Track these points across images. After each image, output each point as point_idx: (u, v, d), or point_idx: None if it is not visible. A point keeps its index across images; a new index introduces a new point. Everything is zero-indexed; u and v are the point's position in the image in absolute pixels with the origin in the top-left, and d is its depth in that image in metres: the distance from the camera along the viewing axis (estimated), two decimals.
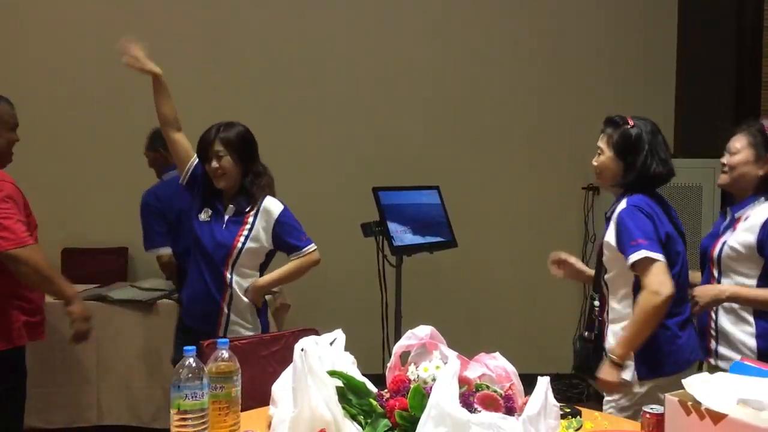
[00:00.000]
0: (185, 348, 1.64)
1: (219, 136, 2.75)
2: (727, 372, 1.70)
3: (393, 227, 3.68)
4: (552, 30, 4.95)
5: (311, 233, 5.01)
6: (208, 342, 2.12)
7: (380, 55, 4.93)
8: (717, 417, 1.47)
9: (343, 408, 1.68)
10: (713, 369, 2.41)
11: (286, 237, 2.83)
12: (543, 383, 1.46)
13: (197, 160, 2.84)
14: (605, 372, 2.26)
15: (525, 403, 1.75)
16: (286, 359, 2.13)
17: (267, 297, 4.09)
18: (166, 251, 3.69)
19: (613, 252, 2.34)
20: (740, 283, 2.46)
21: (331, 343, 1.85)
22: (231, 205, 2.80)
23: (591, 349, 2.41)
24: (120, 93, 4.81)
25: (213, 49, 4.90)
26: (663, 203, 2.42)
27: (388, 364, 1.95)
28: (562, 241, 4.66)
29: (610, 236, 2.34)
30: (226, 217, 2.80)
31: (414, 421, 1.63)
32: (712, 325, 2.48)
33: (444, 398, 1.37)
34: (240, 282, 2.78)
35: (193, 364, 1.63)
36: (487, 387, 1.74)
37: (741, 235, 2.46)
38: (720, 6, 4.46)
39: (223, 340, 1.76)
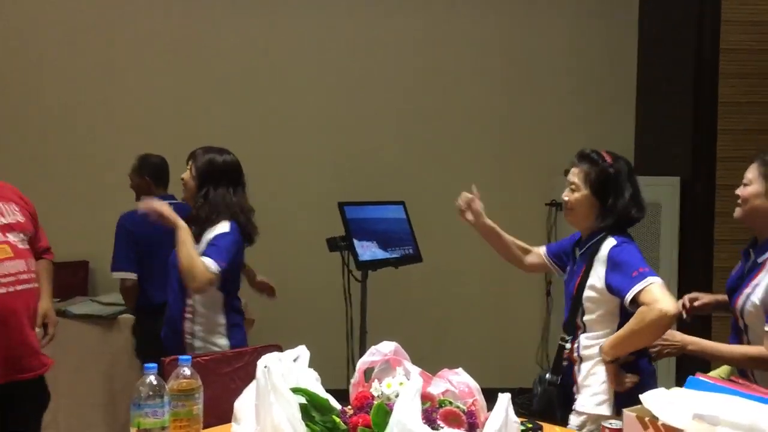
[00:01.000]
0: (146, 365, 1.63)
1: (194, 152, 2.84)
2: None
3: (358, 242, 3.69)
4: (519, 52, 5.02)
5: (276, 247, 5.01)
6: (170, 359, 2.09)
7: (348, 71, 4.95)
8: None
9: (306, 425, 1.67)
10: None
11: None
12: (504, 400, 1.47)
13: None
14: (612, 377, 2.18)
15: (487, 419, 1.76)
16: (249, 376, 2.11)
17: None
18: (132, 276, 3.66)
19: (601, 294, 2.23)
20: None
21: (294, 360, 1.84)
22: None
23: (555, 393, 2.29)
24: (82, 108, 4.77)
25: (182, 61, 4.87)
26: None
27: (352, 380, 1.95)
28: None
29: (598, 278, 2.24)
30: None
31: None
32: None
33: (406, 416, 1.37)
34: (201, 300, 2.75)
35: (154, 382, 1.61)
36: (450, 403, 1.75)
37: (764, 290, 2.20)
38: (679, 30, 4.57)
39: (185, 357, 1.74)
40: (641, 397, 1.61)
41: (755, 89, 4.24)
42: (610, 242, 2.24)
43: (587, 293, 2.25)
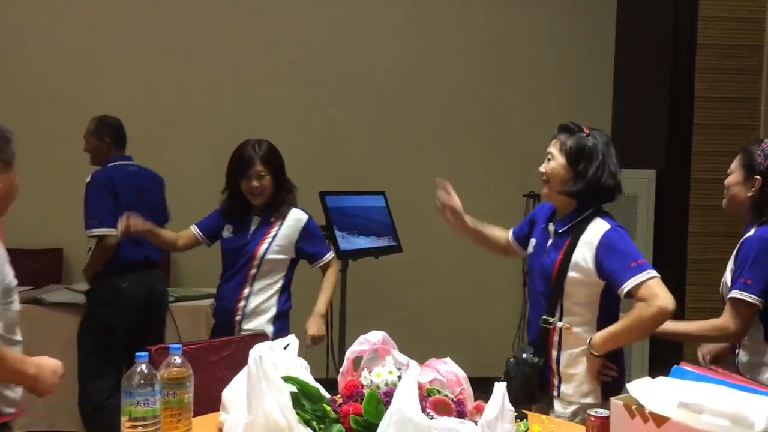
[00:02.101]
0: (137, 354, 1.62)
1: (260, 156, 2.95)
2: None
3: (339, 231, 3.69)
4: (498, 45, 5.05)
5: None
6: (157, 347, 2.08)
7: (329, 61, 4.93)
8: (660, 420, 1.53)
9: (297, 414, 1.68)
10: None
11: (309, 246, 3.04)
12: (500, 389, 1.49)
13: (198, 226, 3.16)
14: (595, 372, 2.19)
15: (475, 408, 1.79)
16: (236, 365, 2.11)
17: (209, 302, 4.06)
18: (114, 232, 3.39)
19: (587, 276, 2.20)
20: None
21: (285, 348, 1.85)
22: (257, 217, 3.00)
23: (536, 375, 2.23)
24: (54, 96, 4.69)
25: (156, 50, 4.81)
26: None
27: (341, 369, 1.96)
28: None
29: (584, 260, 2.20)
30: (252, 228, 3.00)
31: (368, 426, 1.64)
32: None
33: (405, 404, 1.39)
34: (260, 288, 2.96)
35: (145, 370, 1.60)
36: (438, 392, 1.77)
37: (729, 267, 2.37)
38: (656, 25, 4.63)
39: (176, 345, 1.73)
40: (628, 386, 1.64)
41: (730, 85, 4.31)
42: (603, 225, 2.21)
43: (571, 274, 2.21)
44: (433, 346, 2.73)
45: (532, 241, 2.42)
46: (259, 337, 2.30)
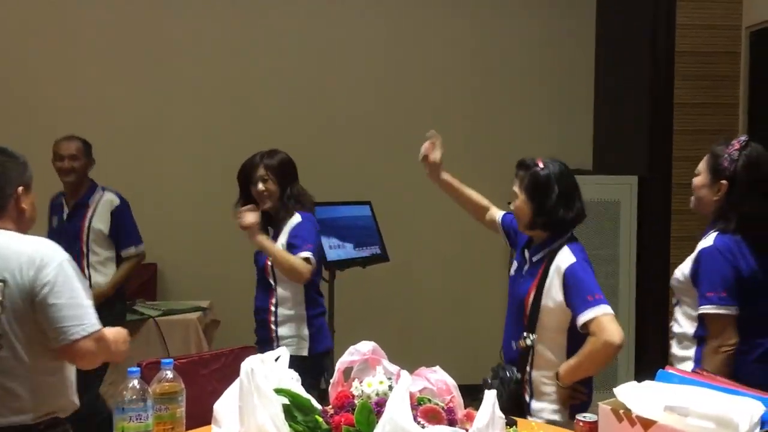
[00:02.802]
0: (129, 369, 1.62)
1: (263, 162, 3.08)
2: None
3: (326, 242, 3.70)
4: (480, 54, 5.08)
5: (246, 248, 4.97)
6: (147, 362, 2.09)
7: (313, 71, 4.95)
8: (647, 423, 1.56)
9: (290, 426, 1.69)
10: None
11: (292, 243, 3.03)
12: (490, 396, 1.52)
13: None
14: (564, 399, 2.28)
15: (465, 416, 1.81)
16: (226, 378, 2.12)
17: (197, 314, 4.06)
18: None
19: (557, 305, 2.29)
20: (688, 312, 2.42)
21: (276, 360, 1.86)
22: (270, 228, 3.11)
23: (520, 392, 2.31)
24: (33, 99, 4.66)
25: (144, 56, 4.80)
26: None
27: (331, 380, 1.97)
28: (490, 253, 4.81)
29: (555, 290, 2.29)
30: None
31: None
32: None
33: (398, 413, 1.41)
34: (284, 296, 3.02)
35: (137, 386, 1.61)
36: (429, 400, 1.78)
37: (685, 264, 2.42)
38: (635, 33, 4.69)
39: (168, 360, 1.74)
40: (615, 390, 1.67)
41: (709, 91, 4.38)
42: (569, 257, 2.29)
43: (543, 302, 2.30)
44: (422, 355, 2.75)
45: (513, 264, 2.53)
46: (249, 349, 2.31)
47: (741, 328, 2.30)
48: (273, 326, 3.00)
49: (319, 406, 1.81)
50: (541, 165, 2.36)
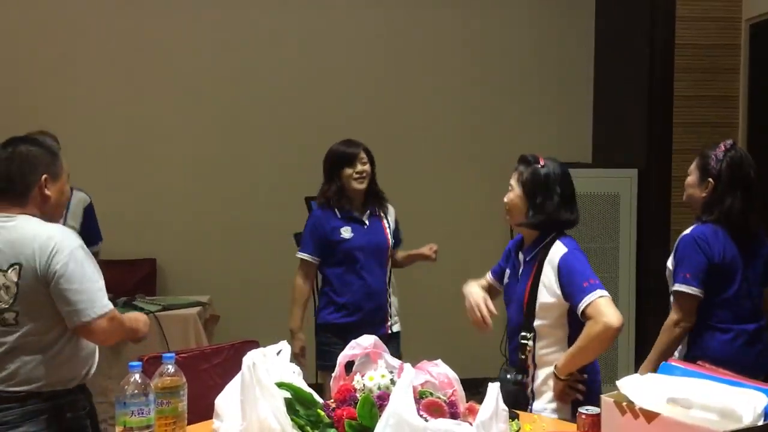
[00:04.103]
0: (130, 364, 1.62)
1: (362, 147, 3.36)
2: None
3: None
4: (477, 47, 5.06)
5: (245, 242, 4.98)
6: (148, 356, 2.08)
7: (311, 65, 4.93)
8: (650, 416, 1.56)
9: (291, 419, 1.69)
10: None
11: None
12: (494, 389, 1.51)
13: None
14: (559, 393, 2.26)
15: (468, 409, 1.81)
16: (227, 372, 2.12)
17: (196, 309, 4.06)
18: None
19: (554, 297, 2.29)
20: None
21: (277, 353, 1.86)
22: (368, 211, 3.35)
23: (521, 392, 2.32)
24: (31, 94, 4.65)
25: (141, 55, 4.79)
26: None
27: (333, 374, 1.97)
28: (490, 246, 4.79)
29: (549, 283, 2.30)
30: (367, 221, 3.36)
31: (362, 430, 1.65)
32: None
33: (401, 406, 1.40)
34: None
35: (139, 380, 1.60)
36: (431, 394, 1.78)
37: (671, 257, 2.66)
38: (634, 25, 4.68)
39: (169, 354, 1.74)
40: (618, 383, 1.67)
41: (708, 83, 4.37)
42: (560, 249, 2.31)
43: (540, 299, 2.31)
44: (423, 348, 2.74)
45: (507, 272, 2.53)
46: (250, 344, 2.30)
47: (723, 315, 2.57)
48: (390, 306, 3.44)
49: (321, 400, 1.81)
50: (541, 162, 2.38)
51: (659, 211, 4.39)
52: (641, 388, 1.64)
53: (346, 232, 3.31)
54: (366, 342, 1.97)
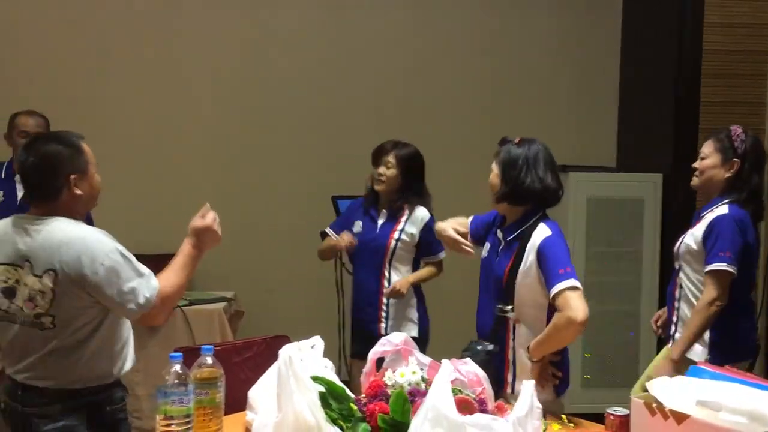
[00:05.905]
0: (171, 355, 1.67)
1: (394, 151, 3.33)
2: None
3: None
4: (503, 51, 5.05)
5: (269, 240, 5.01)
6: (187, 348, 2.13)
7: (339, 65, 4.96)
8: (680, 417, 1.58)
9: (325, 413, 1.73)
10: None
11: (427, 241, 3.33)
12: (529, 387, 1.54)
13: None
14: (535, 376, 2.24)
15: (497, 407, 1.84)
16: (258, 366, 2.16)
17: (222, 305, 4.12)
18: None
19: (534, 279, 2.30)
20: (694, 279, 2.75)
21: (312, 347, 1.90)
22: (384, 210, 3.36)
23: (492, 362, 2.29)
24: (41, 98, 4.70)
25: (167, 54, 4.84)
26: None
27: (364, 370, 2.01)
28: None
29: (530, 265, 2.30)
30: (380, 221, 3.37)
31: (395, 425, 1.69)
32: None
33: (440, 401, 1.44)
34: (395, 277, 3.31)
35: (179, 371, 1.65)
36: (460, 391, 1.82)
37: (697, 230, 2.74)
38: (661, 31, 4.68)
39: (207, 346, 1.78)
40: (647, 384, 1.69)
41: (735, 89, 4.36)
42: (544, 231, 2.31)
43: (519, 280, 2.32)
44: (444, 345, 2.75)
45: (486, 245, 2.54)
46: (281, 339, 2.35)
47: (738, 293, 2.68)
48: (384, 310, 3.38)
49: (352, 395, 1.85)
50: (516, 140, 2.43)
51: (683, 216, 4.37)
52: (671, 390, 1.66)
53: (358, 227, 3.41)
54: (397, 339, 2.01)
